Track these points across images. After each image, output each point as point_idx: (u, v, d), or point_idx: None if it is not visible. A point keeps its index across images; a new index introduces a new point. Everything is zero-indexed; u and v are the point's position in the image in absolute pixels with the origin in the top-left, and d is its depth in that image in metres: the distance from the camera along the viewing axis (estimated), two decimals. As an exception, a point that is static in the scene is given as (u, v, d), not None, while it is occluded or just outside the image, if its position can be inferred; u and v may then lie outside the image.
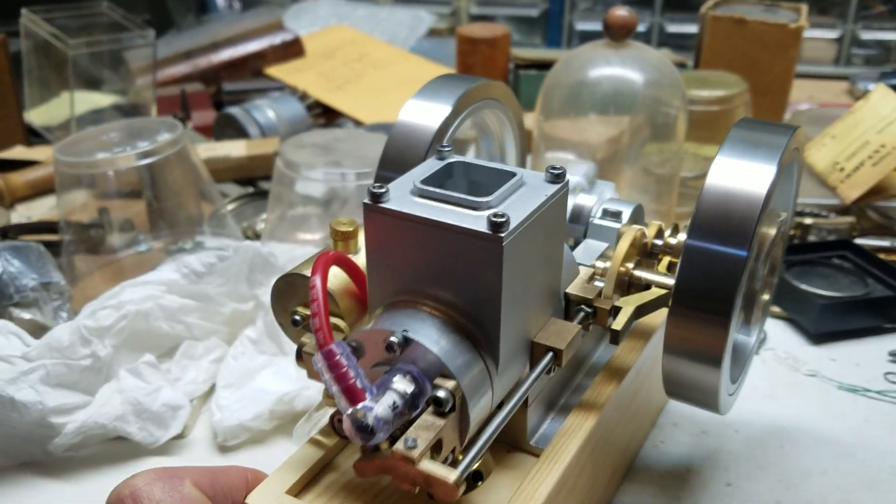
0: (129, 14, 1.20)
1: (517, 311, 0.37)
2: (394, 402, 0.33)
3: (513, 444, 0.42)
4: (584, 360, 0.48)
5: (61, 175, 0.75)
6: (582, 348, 0.47)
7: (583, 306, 0.42)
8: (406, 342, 0.35)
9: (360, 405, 0.33)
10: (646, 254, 0.49)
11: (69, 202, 0.77)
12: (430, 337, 0.35)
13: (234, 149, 0.99)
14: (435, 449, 0.34)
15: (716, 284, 0.39)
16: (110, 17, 1.19)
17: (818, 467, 0.57)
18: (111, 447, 0.58)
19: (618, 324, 0.42)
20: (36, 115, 1.18)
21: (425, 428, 0.33)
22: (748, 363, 0.52)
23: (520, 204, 0.36)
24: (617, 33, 0.75)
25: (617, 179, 0.86)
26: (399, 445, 0.33)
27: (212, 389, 0.62)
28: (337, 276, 0.40)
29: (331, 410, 0.40)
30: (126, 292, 0.59)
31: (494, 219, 0.33)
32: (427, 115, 0.49)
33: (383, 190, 0.36)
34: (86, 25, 1.21)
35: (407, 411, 0.34)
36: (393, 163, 0.49)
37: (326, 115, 1.19)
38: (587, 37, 1.69)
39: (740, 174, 0.40)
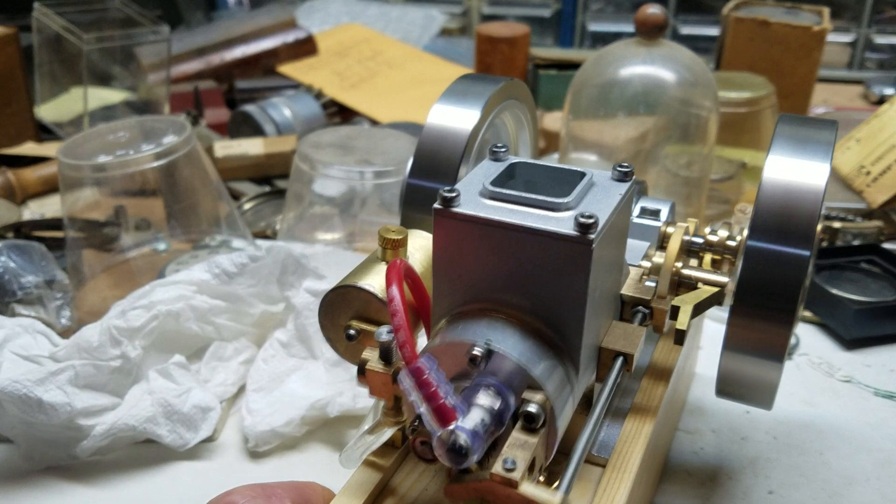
0: (141, 10, 1.18)
1: (594, 315, 0.36)
2: (482, 420, 0.31)
3: (570, 453, 0.41)
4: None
5: (65, 176, 0.74)
6: None
7: (640, 307, 0.41)
8: (489, 353, 0.33)
9: (452, 425, 0.31)
10: (689, 252, 0.49)
11: (75, 201, 0.76)
12: (515, 346, 0.34)
13: (252, 146, 0.98)
14: (529, 468, 0.32)
15: (780, 283, 0.39)
16: (123, 12, 1.18)
17: (861, 475, 0.56)
18: (138, 451, 0.56)
19: (681, 323, 0.41)
20: (47, 111, 1.16)
21: (520, 447, 0.32)
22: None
23: (597, 204, 0.35)
24: (648, 32, 0.74)
25: (646, 176, 0.84)
26: (497, 467, 0.31)
27: (240, 392, 0.61)
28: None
29: (389, 430, 0.39)
30: (157, 292, 0.58)
31: (582, 220, 0.32)
32: (457, 118, 0.48)
33: (454, 194, 0.34)
34: (97, 20, 1.19)
35: (494, 428, 0.32)
36: (425, 170, 0.48)
37: (342, 114, 1.17)
38: (599, 37, 1.68)
39: (797, 171, 0.40)
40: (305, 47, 1.33)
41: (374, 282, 0.39)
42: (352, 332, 0.39)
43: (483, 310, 0.35)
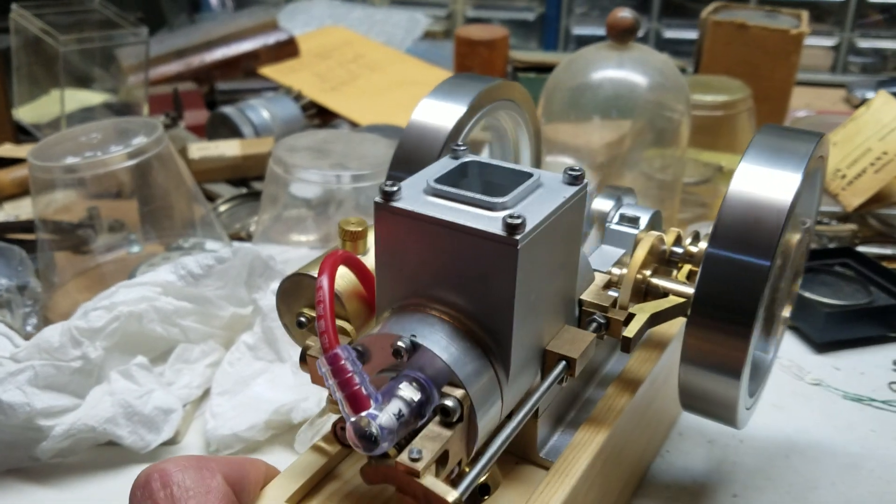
0: (121, 12, 1.18)
1: (530, 318, 0.35)
2: (399, 411, 0.32)
3: (522, 456, 0.41)
4: (597, 370, 0.47)
5: (35, 178, 0.73)
6: (594, 358, 0.46)
7: (597, 315, 0.41)
8: (414, 348, 0.34)
9: (364, 413, 0.31)
10: (664, 261, 0.48)
11: (47, 203, 0.75)
12: (439, 343, 0.34)
13: (229, 148, 0.98)
14: (441, 461, 0.32)
15: (738, 294, 0.38)
16: (102, 14, 1.17)
17: (826, 479, 0.56)
18: (100, 453, 0.56)
19: (629, 331, 0.40)
20: (25, 113, 1.16)
21: (431, 439, 0.32)
22: (765, 378, 0.51)
23: (537, 206, 0.34)
24: (619, 35, 0.74)
25: (617, 183, 0.84)
26: (403, 457, 0.31)
27: (206, 394, 0.61)
28: (345, 278, 0.39)
29: (334, 417, 0.38)
30: (120, 293, 0.57)
31: (510, 220, 0.32)
32: (441, 114, 0.48)
33: (395, 188, 0.35)
34: (77, 22, 1.18)
35: (413, 420, 0.33)
36: (405, 163, 0.48)
37: (321, 116, 1.17)
38: (584, 41, 1.68)
39: (765, 182, 0.39)
40: (287, 49, 1.32)
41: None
42: (302, 319, 0.40)
43: (420, 305, 0.36)
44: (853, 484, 0.56)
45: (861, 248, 0.85)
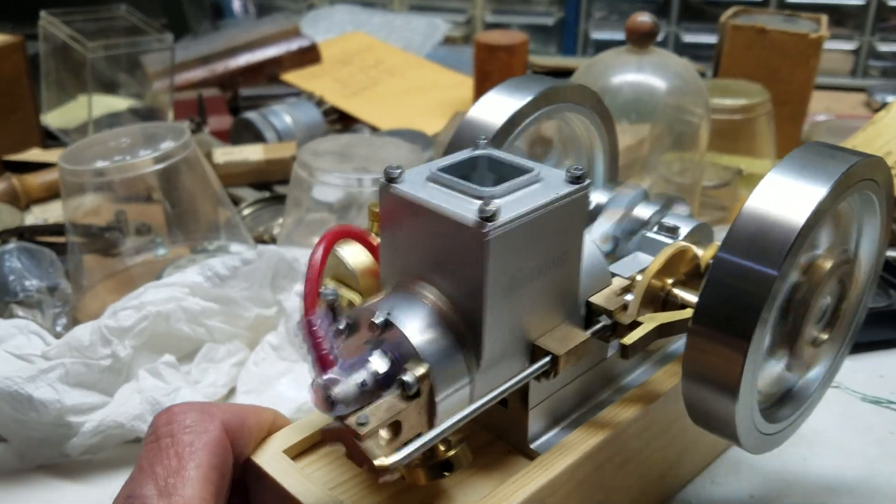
0: (146, 18, 1.20)
1: (509, 309, 0.36)
2: (363, 380, 0.34)
3: (516, 446, 0.42)
4: (617, 377, 0.47)
5: (66, 182, 0.75)
6: (614, 364, 0.46)
7: (603, 317, 0.41)
8: (387, 324, 0.35)
9: (326, 376, 0.33)
10: (697, 274, 0.47)
11: (77, 206, 0.77)
12: (412, 322, 0.35)
13: (252, 153, 0.99)
14: (395, 431, 0.34)
15: (739, 303, 0.36)
16: (128, 20, 1.20)
17: (844, 481, 0.56)
18: (129, 450, 0.57)
19: (629, 338, 0.39)
20: (53, 118, 1.18)
21: (383, 408, 0.34)
22: (804, 405, 0.48)
23: (525, 199, 0.36)
24: (639, 39, 0.74)
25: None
26: (351, 420, 0.33)
27: (231, 393, 0.62)
28: (361, 256, 0.41)
29: None
30: (148, 293, 0.59)
31: (484, 210, 0.33)
32: (496, 108, 0.48)
33: (398, 172, 0.37)
34: (103, 29, 1.21)
35: (377, 390, 0.34)
36: (455, 148, 0.48)
37: (343, 121, 1.18)
38: (602, 45, 1.69)
39: (787, 192, 0.36)
40: (309, 55, 1.34)
41: (350, 249, 0.42)
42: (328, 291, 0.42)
43: (410, 284, 0.37)
44: (872, 487, 0.56)
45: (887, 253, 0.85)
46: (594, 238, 0.49)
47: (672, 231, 0.48)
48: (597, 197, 0.52)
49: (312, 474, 0.40)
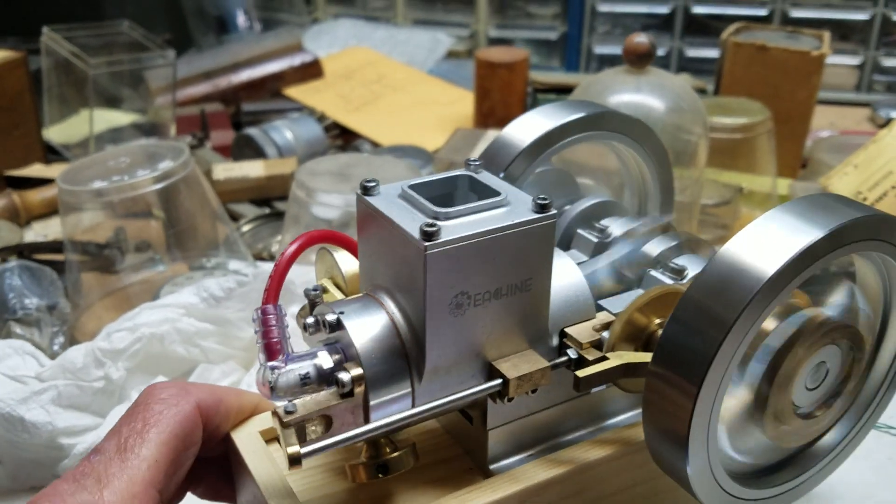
0: (149, 34, 1.21)
1: (458, 326, 0.37)
2: (306, 373, 0.35)
3: (477, 464, 0.42)
4: (604, 416, 0.45)
5: (63, 201, 0.76)
6: (600, 401, 0.45)
7: (571, 349, 0.40)
8: (338, 324, 0.37)
9: (271, 363, 0.35)
10: None
11: (75, 224, 0.77)
12: (360, 325, 0.37)
13: (252, 169, 0.99)
14: (327, 426, 0.36)
15: (693, 346, 0.34)
16: (131, 36, 1.20)
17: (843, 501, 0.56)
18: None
19: (582, 371, 0.38)
20: (55, 133, 1.18)
21: (314, 401, 0.35)
22: (806, 479, 0.44)
23: (480, 222, 0.36)
24: (636, 60, 0.74)
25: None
26: (280, 407, 0.35)
27: (224, 414, 0.62)
28: (353, 261, 0.43)
29: None
30: (143, 314, 0.59)
31: (426, 228, 0.34)
32: (526, 128, 0.48)
33: (373, 184, 0.38)
34: (106, 44, 1.22)
35: (321, 385, 0.36)
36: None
37: (344, 136, 1.19)
38: (605, 60, 1.69)
39: (768, 241, 0.34)
40: (311, 70, 1.34)
41: (346, 254, 0.44)
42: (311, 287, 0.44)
43: (376, 291, 0.39)
44: (870, 510, 0.55)
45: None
46: (600, 267, 0.48)
47: (678, 273, 0.46)
48: (620, 226, 0.50)
49: (280, 458, 0.41)
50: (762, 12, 1.54)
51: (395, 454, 0.38)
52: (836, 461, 0.45)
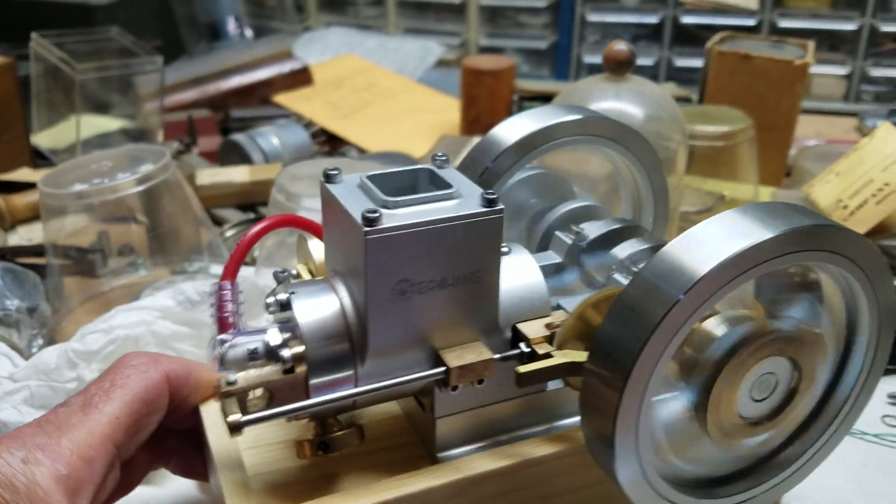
0: (140, 40, 1.22)
1: (401, 312, 0.38)
2: (255, 348, 0.37)
3: (428, 451, 0.43)
4: (566, 414, 0.46)
5: (45, 204, 0.76)
6: (562, 400, 0.45)
7: (522, 344, 0.41)
8: (288, 304, 0.38)
9: (220, 336, 0.37)
10: None
11: (59, 228, 0.78)
12: (308, 306, 0.38)
13: (237, 174, 1.00)
14: (269, 401, 0.38)
15: (624, 341, 0.34)
16: (120, 43, 1.21)
17: (811, 511, 0.56)
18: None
19: (524, 367, 0.39)
20: (43, 138, 1.19)
21: (255, 375, 0.37)
22: (772, 485, 0.43)
23: (425, 213, 0.37)
24: (616, 67, 0.75)
25: (618, 213, 0.85)
26: (222, 378, 0.36)
27: (199, 417, 0.62)
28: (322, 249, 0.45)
29: None
30: (118, 316, 0.59)
31: (368, 213, 0.35)
32: (515, 128, 0.50)
33: (336, 172, 0.40)
34: (96, 50, 1.22)
35: (269, 361, 0.37)
36: (467, 166, 0.50)
37: (331, 143, 1.19)
38: (595, 69, 1.69)
39: (710, 240, 0.34)
40: (301, 78, 1.35)
41: (319, 242, 0.46)
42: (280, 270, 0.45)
43: (332, 275, 0.40)
44: (839, 517, 0.55)
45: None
46: (569, 268, 0.48)
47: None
48: (596, 230, 0.50)
49: (243, 433, 0.42)
50: (751, 22, 1.55)
51: (339, 433, 0.39)
52: (801, 472, 0.45)
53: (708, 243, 0.33)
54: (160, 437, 0.43)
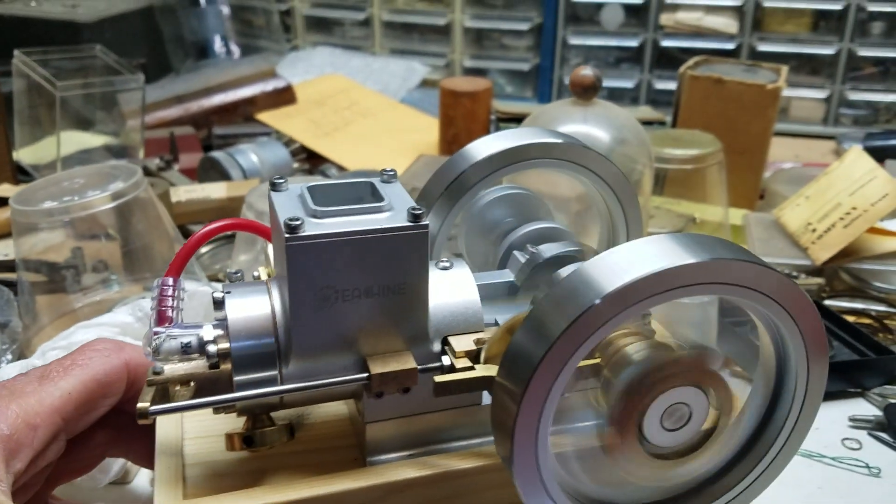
0: (125, 58, 1.23)
1: (325, 318, 0.39)
2: (189, 342, 0.38)
3: (361, 454, 0.43)
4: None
5: (16, 221, 0.77)
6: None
7: (444, 356, 0.41)
8: (222, 302, 0.39)
9: (157, 328, 0.38)
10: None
11: (32, 245, 0.78)
12: (240, 305, 0.39)
13: (214, 190, 1.01)
14: (194, 394, 0.39)
15: (525, 353, 0.34)
16: (104, 60, 1.22)
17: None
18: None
19: (441, 377, 0.39)
20: (25, 154, 1.20)
21: (181, 368, 0.38)
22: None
23: (350, 223, 0.38)
24: (582, 92, 0.76)
25: (589, 235, 0.86)
26: (149, 367, 0.38)
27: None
28: None
29: None
30: (78, 333, 0.60)
31: (290, 221, 0.37)
32: (485, 146, 0.50)
33: (282, 181, 0.41)
34: (81, 67, 1.23)
35: (201, 356, 0.38)
36: (432, 182, 0.51)
37: (311, 161, 1.20)
38: (578, 91, 1.71)
39: (625, 261, 0.33)
40: (284, 96, 1.36)
41: None
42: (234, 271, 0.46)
43: (274, 278, 0.42)
44: (793, 539, 0.56)
45: (832, 303, 0.86)
46: (514, 286, 0.49)
47: None
48: (552, 250, 0.51)
49: (191, 423, 0.44)
50: (730, 46, 1.57)
51: (265, 430, 0.40)
52: (740, 500, 0.44)
53: (623, 263, 0.34)
54: (122, 424, 0.44)
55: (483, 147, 0.51)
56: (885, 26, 1.53)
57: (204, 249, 0.95)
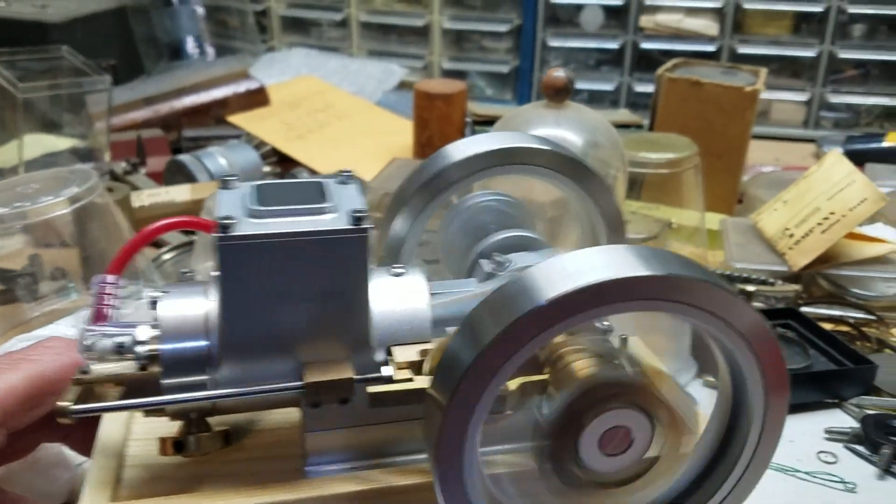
0: (96, 59, 1.20)
1: (259, 322, 0.38)
2: (123, 342, 0.37)
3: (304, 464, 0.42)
4: None
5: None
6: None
7: (384, 367, 0.39)
8: (155, 303, 0.39)
9: (91, 326, 0.38)
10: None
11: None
12: (170, 306, 0.38)
13: (179, 193, 0.98)
14: (123, 395, 0.38)
15: (455, 363, 0.32)
16: (71, 61, 1.19)
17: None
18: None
19: (373, 388, 0.37)
20: (-12, 157, 1.17)
21: (110, 368, 0.37)
22: None
23: (285, 225, 0.37)
24: (554, 94, 0.74)
25: (565, 240, 0.84)
26: (77, 367, 0.38)
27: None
28: None
29: None
30: (17, 347, 0.57)
31: (223, 220, 0.36)
32: (452, 151, 0.49)
33: (231, 179, 0.41)
34: (50, 69, 1.21)
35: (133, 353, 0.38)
36: (408, 181, 0.50)
37: (283, 164, 1.18)
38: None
39: (563, 271, 0.32)
40: (257, 98, 1.34)
41: None
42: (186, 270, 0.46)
43: (214, 279, 0.40)
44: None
45: (809, 309, 0.84)
46: (475, 295, 0.47)
47: None
48: (519, 260, 0.49)
49: (138, 425, 0.44)
50: (710, 48, 1.56)
51: (200, 435, 0.39)
52: None
53: (565, 271, 0.32)
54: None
55: (458, 150, 0.49)
56: (865, 29, 1.52)
57: (166, 256, 0.93)
